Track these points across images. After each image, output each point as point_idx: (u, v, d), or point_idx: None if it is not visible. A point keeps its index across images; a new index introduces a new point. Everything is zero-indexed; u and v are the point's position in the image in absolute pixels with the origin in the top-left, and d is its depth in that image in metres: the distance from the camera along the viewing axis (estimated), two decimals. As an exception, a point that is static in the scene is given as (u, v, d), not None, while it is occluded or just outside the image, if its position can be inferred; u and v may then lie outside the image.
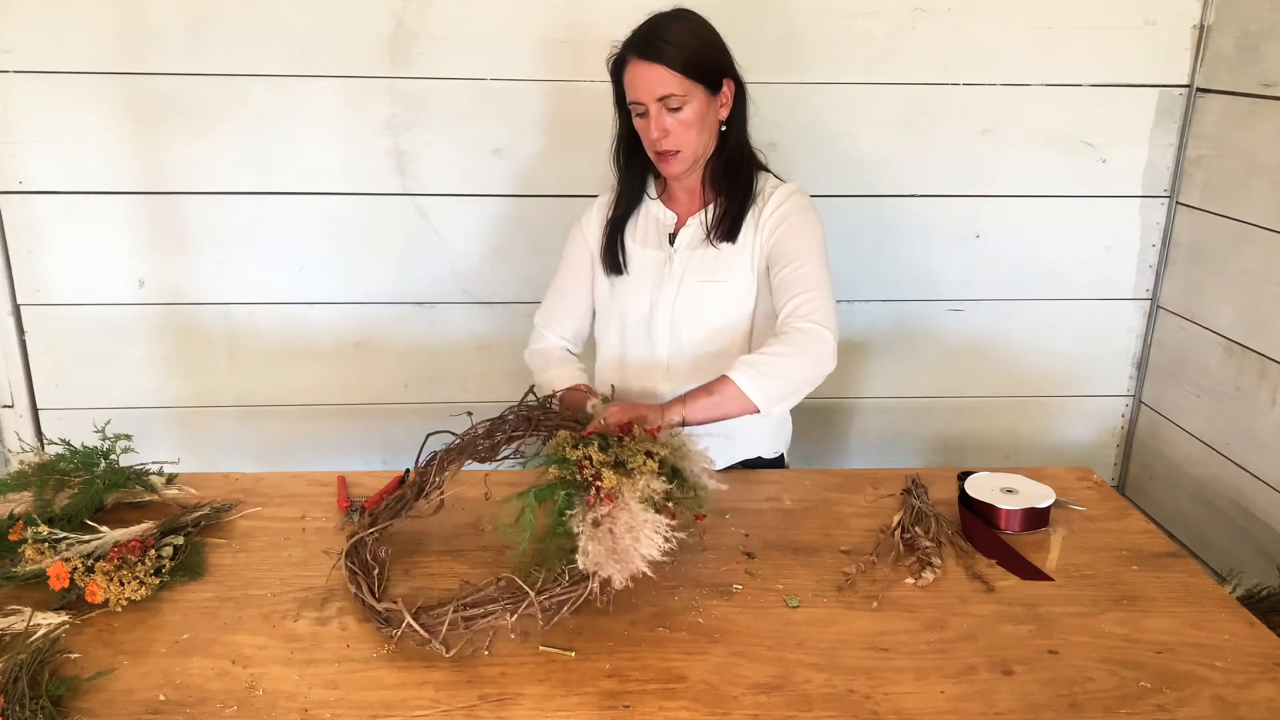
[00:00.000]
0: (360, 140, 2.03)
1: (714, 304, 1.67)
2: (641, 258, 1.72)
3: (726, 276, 1.66)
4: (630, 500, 1.23)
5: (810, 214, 1.65)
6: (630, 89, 1.58)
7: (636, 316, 1.71)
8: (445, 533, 1.45)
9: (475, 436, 1.48)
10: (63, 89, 1.96)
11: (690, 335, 1.69)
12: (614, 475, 1.26)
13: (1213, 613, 1.28)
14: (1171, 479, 2.20)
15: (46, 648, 1.14)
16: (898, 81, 2.06)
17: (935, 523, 1.46)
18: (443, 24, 1.97)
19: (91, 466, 1.47)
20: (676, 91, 1.55)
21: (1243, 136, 1.96)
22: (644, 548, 1.20)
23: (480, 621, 1.19)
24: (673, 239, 1.70)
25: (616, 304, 1.74)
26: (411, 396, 2.23)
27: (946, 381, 2.30)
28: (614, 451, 1.31)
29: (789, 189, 1.67)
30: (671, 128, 1.57)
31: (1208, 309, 2.07)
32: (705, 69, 1.57)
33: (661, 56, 1.54)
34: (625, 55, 1.58)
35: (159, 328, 2.14)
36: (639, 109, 1.58)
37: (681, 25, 1.58)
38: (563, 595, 1.20)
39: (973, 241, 2.19)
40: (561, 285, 1.81)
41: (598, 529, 1.21)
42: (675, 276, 1.68)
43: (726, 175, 1.67)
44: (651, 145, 1.61)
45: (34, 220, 2.04)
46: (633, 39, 1.58)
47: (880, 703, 1.10)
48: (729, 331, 1.68)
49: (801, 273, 1.58)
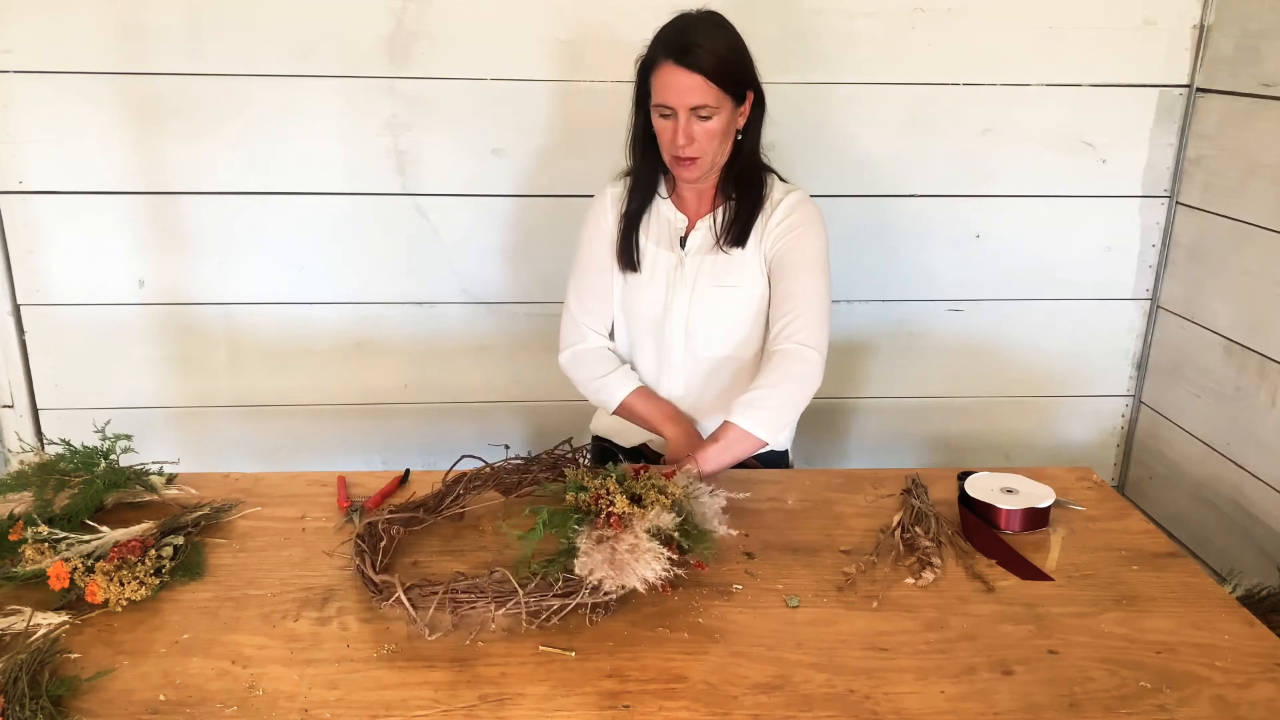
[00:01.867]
0: (360, 140, 2.03)
1: (729, 308, 1.68)
2: (655, 257, 1.71)
3: (739, 281, 1.67)
4: (638, 528, 1.25)
5: (815, 224, 1.66)
6: (662, 92, 1.55)
7: (648, 317, 1.71)
8: (446, 531, 1.45)
9: (505, 471, 1.54)
10: (63, 89, 1.96)
11: (705, 338, 1.69)
12: (626, 502, 1.28)
13: (1212, 613, 1.28)
14: (1171, 479, 2.20)
15: (46, 648, 1.14)
16: (898, 81, 2.06)
17: (935, 523, 1.46)
18: (443, 24, 1.97)
19: (91, 466, 1.47)
20: (710, 102, 1.54)
21: (1243, 136, 1.96)
22: (642, 568, 1.20)
23: (467, 609, 1.20)
24: (683, 242, 1.70)
25: (626, 302, 1.73)
26: (411, 396, 2.23)
27: (946, 381, 2.30)
28: (630, 486, 1.33)
29: (797, 197, 1.67)
30: (698, 136, 1.56)
31: (1208, 309, 2.07)
32: (738, 81, 1.57)
33: (702, 66, 1.51)
34: (660, 57, 1.54)
35: (159, 328, 2.14)
36: (666, 112, 1.56)
37: (720, 33, 1.56)
38: (552, 600, 1.21)
39: (973, 241, 2.19)
40: (589, 279, 1.75)
41: (600, 544, 1.23)
42: (689, 280, 1.68)
43: (738, 181, 1.66)
44: (671, 149, 1.59)
45: (34, 220, 2.04)
46: (670, 41, 1.54)
47: (880, 703, 1.10)
48: (742, 334, 1.69)
49: (797, 288, 1.63)
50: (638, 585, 1.20)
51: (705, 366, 1.71)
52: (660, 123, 1.59)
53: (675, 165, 1.61)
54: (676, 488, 1.35)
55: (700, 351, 1.71)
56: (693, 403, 1.74)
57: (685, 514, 1.34)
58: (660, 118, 1.58)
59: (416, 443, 2.27)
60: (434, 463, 2.24)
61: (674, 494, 1.33)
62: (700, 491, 1.39)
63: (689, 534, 1.31)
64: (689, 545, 1.29)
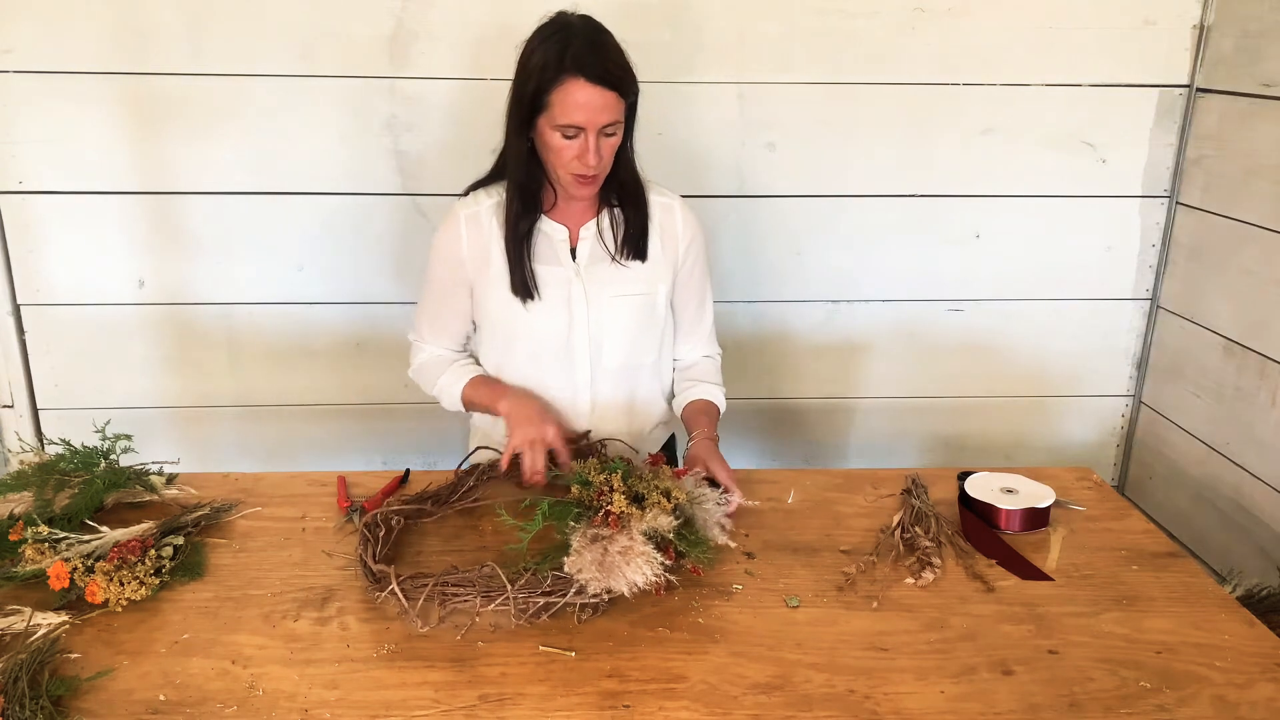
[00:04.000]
0: (360, 140, 2.03)
1: (633, 317, 1.64)
2: (546, 276, 1.60)
3: (641, 289, 1.63)
4: (634, 530, 1.24)
5: (704, 232, 1.70)
6: (572, 111, 1.43)
7: (552, 337, 1.62)
8: (445, 531, 1.46)
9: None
10: (63, 89, 1.96)
11: (611, 349, 1.64)
12: (625, 502, 1.28)
13: (1212, 613, 1.28)
14: (1171, 479, 2.20)
15: (46, 648, 1.14)
16: (898, 81, 2.06)
17: (935, 523, 1.46)
18: (443, 24, 1.97)
19: (91, 466, 1.47)
20: (618, 118, 1.47)
21: (1243, 136, 1.96)
22: (631, 572, 1.20)
23: (456, 602, 1.21)
24: (572, 253, 1.62)
25: (525, 327, 1.62)
26: (411, 396, 2.23)
27: (946, 381, 2.30)
28: (634, 484, 1.33)
29: (685, 205, 1.66)
30: (605, 154, 1.48)
31: (1208, 309, 2.07)
32: (636, 93, 1.51)
33: (617, 84, 1.44)
34: (567, 73, 1.42)
35: (159, 328, 2.14)
36: (571, 132, 1.45)
37: (615, 44, 1.47)
38: (541, 598, 1.21)
39: (973, 241, 2.19)
40: (440, 313, 1.67)
41: (593, 543, 1.23)
42: (587, 293, 1.60)
43: (621, 190, 1.59)
44: (576, 168, 1.48)
45: (34, 220, 2.04)
46: (579, 56, 1.42)
47: (880, 703, 1.10)
48: (647, 339, 1.67)
49: (706, 302, 1.73)
50: (624, 590, 1.20)
51: (612, 376, 1.67)
52: (560, 141, 1.46)
53: (575, 184, 1.51)
54: (681, 492, 1.34)
55: (607, 362, 1.65)
56: (601, 413, 1.69)
57: (687, 518, 1.34)
58: (563, 137, 1.46)
59: (416, 443, 2.27)
60: (434, 463, 2.24)
61: (677, 498, 1.33)
62: (705, 498, 1.39)
63: (686, 539, 1.30)
64: (686, 550, 1.29)
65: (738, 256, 2.15)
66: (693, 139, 2.06)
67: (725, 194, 2.10)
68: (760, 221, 2.14)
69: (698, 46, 2.00)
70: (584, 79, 1.42)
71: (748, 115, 2.06)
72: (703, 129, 2.05)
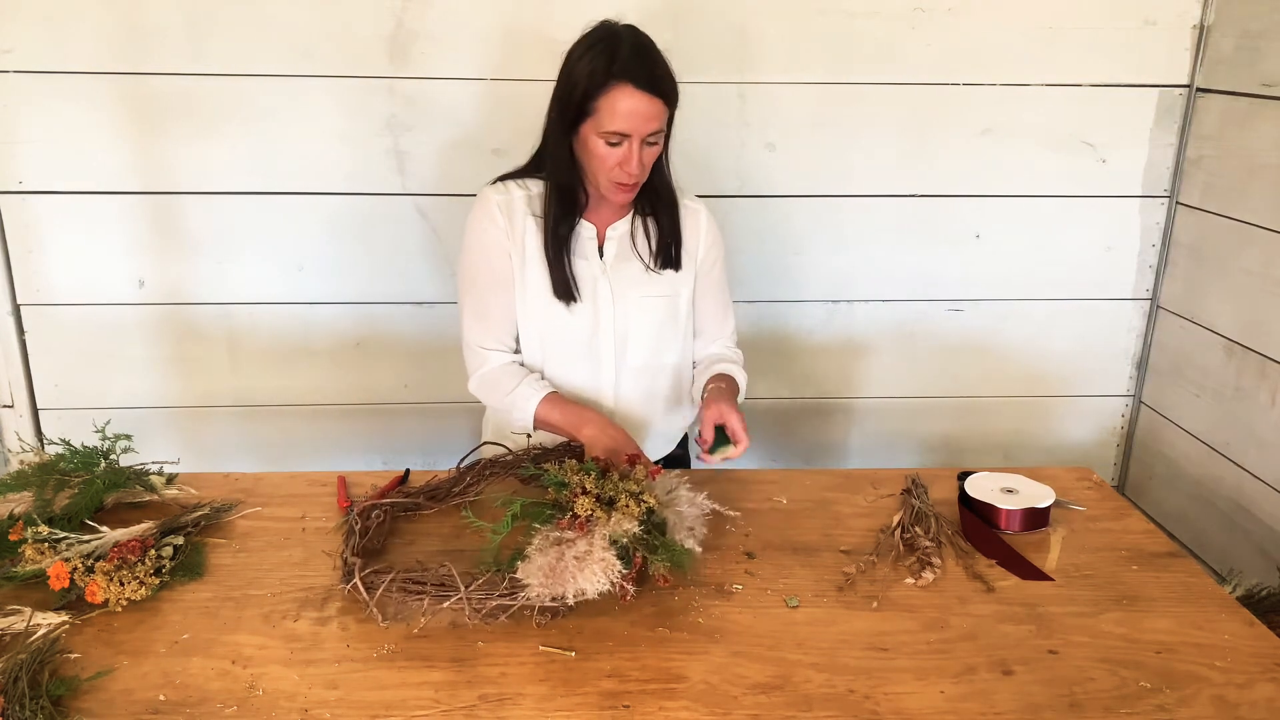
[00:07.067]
0: (360, 140, 2.03)
1: (657, 316, 1.65)
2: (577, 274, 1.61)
3: (666, 290, 1.64)
4: (597, 534, 1.22)
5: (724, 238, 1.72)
6: (618, 118, 1.44)
7: (577, 334, 1.63)
8: (445, 530, 1.46)
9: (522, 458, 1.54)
10: (63, 89, 1.96)
11: (635, 347, 1.65)
12: (591, 504, 1.25)
13: (1212, 613, 1.28)
14: (1171, 479, 2.20)
15: (46, 648, 1.14)
16: (898, 81, 2.06)
17: (935, 523, 1.46)
18: (443, 24, 1.97)
19: (91, 466, 1.47)
20: (661, 127, 1.48)
21: (1243, 136, 1.96)
22: (583, 580, 1.18)
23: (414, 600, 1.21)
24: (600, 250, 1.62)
25: (549, 323, 1.61)
26: (411, 396, 2.23)
27: (946, 381, 2.30)
28: (607, 487, 1.29)
29: (703, 205, 1.67)
30: (646, 162, 1.49)
31: (1208, 309, 2.07)
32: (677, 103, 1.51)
33: (665, 93, 1.46)
34: (616, 79, 1.43)
35: (159, 328, 2.14)
36: (615, 139, 1.46)
37: (661, 54, 1.48)
38: (497, 601, 1.20)
39: (973, 241, 2.19)
40: (485, 300, 1.62)
41: (553, 547, 1.22)
42: (614, 293, 1.61)
43: (656, 197, 1.60)
44: (619, 175, 1.49)
45: (34, 220, 2.04)
46: (629, 64, 1.43)
47: (880, 703, 1.10)
48: (670, 338, 1.68)
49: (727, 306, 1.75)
50: (569, 598, 1.18)
51: (635, 375, 1.67)
52: (604, 149, 1.47)
53: (614, 190, 1.51)
54: (651, 495, 1.29)
55: (631, 361, 1.66)
56: (625, 412, 1.69)
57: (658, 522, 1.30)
58: (606, 144, 1.46)
59: (416, 443, 2.27)
60: (434, 463, 2.24)
61: (647, 501, 1.28)
62: (680, 500, 1.36)
63: (652, 545, 1.25)
64: (650, 557, 1.25)
65: (738, 256, 2.14)
66: (693, 139, 2.06)
67: (725, 194, 2.10)
68: (760, 221, 2.14)
69: (698, 46, 2.00)
70: (632, 86, 1.43)
71: (748, 115, 2.06)
72: (703, 129, 2.05)
